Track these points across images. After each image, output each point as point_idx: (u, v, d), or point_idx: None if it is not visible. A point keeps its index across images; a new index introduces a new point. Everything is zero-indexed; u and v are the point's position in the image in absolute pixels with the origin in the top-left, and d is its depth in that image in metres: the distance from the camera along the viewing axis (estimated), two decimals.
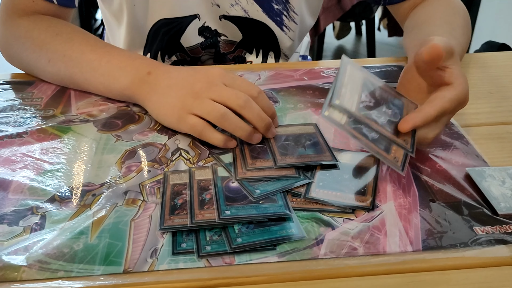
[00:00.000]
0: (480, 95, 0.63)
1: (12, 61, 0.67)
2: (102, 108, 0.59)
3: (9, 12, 0.66)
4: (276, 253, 0.39)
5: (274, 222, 0.42)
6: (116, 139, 0.53)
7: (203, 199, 0.44)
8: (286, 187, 0.46)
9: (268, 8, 0.75)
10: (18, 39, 0.64)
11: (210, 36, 0.77)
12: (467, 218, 0.43)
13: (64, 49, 0.61)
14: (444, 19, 0.67)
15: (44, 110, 0.58)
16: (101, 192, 0.45)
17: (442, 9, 0.70)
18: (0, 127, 0.55)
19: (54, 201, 0.44)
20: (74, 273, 0.37)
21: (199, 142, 0.53)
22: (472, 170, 0.48)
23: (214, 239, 0.40)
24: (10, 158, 0.50)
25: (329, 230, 0.41)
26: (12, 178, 0.47)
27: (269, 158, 0.49)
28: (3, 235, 0.41)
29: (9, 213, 0.43)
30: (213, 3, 0.73)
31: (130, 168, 0.49)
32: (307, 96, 0.62)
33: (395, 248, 0.40)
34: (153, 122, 0.56)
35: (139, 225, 0.42)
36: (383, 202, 0.45)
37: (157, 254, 0.39)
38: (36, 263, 0.38)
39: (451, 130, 0.55)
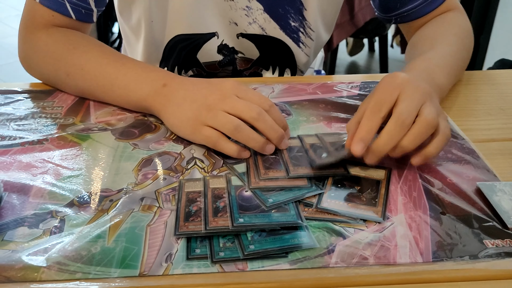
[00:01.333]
0: (491, 111, 0.64)
1: (33, 72, 0.69)
2: (120, 117, 0.61)
3: (28, 25, 0.68)
4: (288, 260, 0.40)
5: (286, 230, 0.43)
6: (133, 148, 0.55)
7: (217, 207, 0.45)
8: (298, 197, 0.46)
9: (285, 25, 0.77)
10: (37, 52, 0.66)
11: (228, 54, 0.78)
12: (477, 231, 0.43)
13: (81, 63, 0.63)
14: (436, 41, 0.69)
15: (64, 118, 0.60)
16: (118, 198, 0.47)
17: (439, 30, 0.71)
18: (21, 134, 0.57)
19: (73, 205, 0.46)
20: (91, 275, 0.38)
21: (213, 152, 0.54)
22: (483, 185, 0.49)
23: (227, 245, 0.41)
24: (31, 163, 0.52)
25: (340, 239, 0.42)
26: (32, 183, 0.49)
27: (281, 169, 0.51)
28: (23, 237, 0.42)
29: (29, 216, 0.44)
30: (231, 21, 0.75)
31: (147, 176, 0.50)
32: (320, 110, 0.63)
33: (405, 259, 0.40)
34: (169, 132, 0.58)
35: (154, 230, 0.43)
36: (394, 214, 0.45)
37: (172, 259, 0.40)
38: (55, 264, 0.39)
39: (462, 145, 0.56)
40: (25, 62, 0.69)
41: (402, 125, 0.48)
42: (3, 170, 0.50)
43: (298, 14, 0.76)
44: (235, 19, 0.75)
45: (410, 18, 0.75)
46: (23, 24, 0.69)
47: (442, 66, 0.63)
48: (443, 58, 0.64)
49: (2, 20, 3.36)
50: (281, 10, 0.75)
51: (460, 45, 0.69)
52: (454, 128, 0.59)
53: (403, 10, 0.75)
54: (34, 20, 0.68)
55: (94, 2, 0.68)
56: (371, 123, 0.48)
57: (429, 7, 0.74)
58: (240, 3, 0.74)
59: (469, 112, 0.64)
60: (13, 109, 0.62)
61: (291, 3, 0.75)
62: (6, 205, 0.46)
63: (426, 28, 0.74)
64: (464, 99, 0.68)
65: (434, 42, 0.69)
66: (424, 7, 0.74)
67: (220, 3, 0.73)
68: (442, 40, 0.69)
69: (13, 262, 0.39)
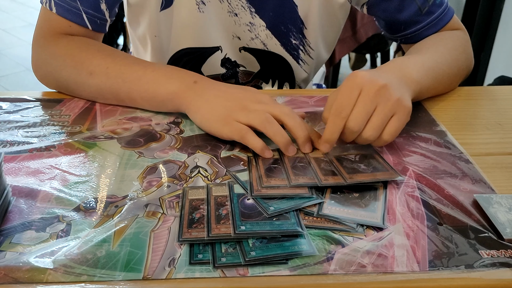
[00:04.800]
0: (490, 126, 0.65)
1: (47, 80, 0.71)
2: (125, 126, 0.62)
3: (45, 34, 0.70)
4: (288, 267, 0.41)
5: (287, 238, 0.44)
6: (138, 156, 0.56)
7: (219, 214, 0.46)
8: (299, 205, 0.48)
9: (286, 42, 0.79)
10: (57, 57, 0.68)
11: (230, 67, 0.80)
12: (473, 242, 0.44)
13: (107, 63, 0.65)
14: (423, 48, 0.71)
15: (71, 126, 0.62)
16: (123, 204, 0.48)
17: (432, 41, 0.73)
18: (30, 140, 0.58)
19: (79, 210, 0.47)
20: (96, 278, 0.40)
21: (216, 161, 0.55)
22: (479, 197, 0.50)
23: (229, 251, 0.42)
24: (39, 169, 0.53)
25: (339, 247, 0.43)
26: (40, 188, 0.50)
27: (283, 178, 0.52)
28: (31, 240, 0.43)
29: (37, 220, 0.46)
30: (234, 36, 0.77)
31: (151, 183, 0.51)
32: (322, 122, 0.64)
33: (402, 267, 0.41)
34: (174, 141, 0.59)
35: (158, 236, 0.44)
36: (392, 223, 0.46)
37: (175, 263, 0.41)
38: (61, 267, 0.40)
39: (460, 158, 0.57)
40: (40, 69, 0.71)
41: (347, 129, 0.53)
42: (12, 175, 0.52)
43: (299, 33, 0.78)
44: (239, 33, 0.77)
45: (414, 40, 0.77)
46: (39, 33, 0.71)
47: (417, 64, 0.64)
48: (421, 59, 0.66)
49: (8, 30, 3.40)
50: (283, 28, 0.77)
51: (446, 54, 0.70)
52: (452, 141, 0.61)
53: (407, 32, 0.77)
54: (51, 29, 0.70)
55: (108, 12, 0.70)
56: (334, 126, 0.53)
57: (432, 29, 0.76)
58: (244, 19, 0.76)
59: (467, 126, 0.66)
60: (21, 117, 0.64)
61: (292, 22, 0.77)
62: (14, 209, 0.47)
63: (424, 40, 0.76)
64: (463, 113, 0.69)
65: (420, 48, 0.71)
66: (428, 29, 0.76)
67: (225, 18, 0.75)
68: (428, 47, 0.71)
69: (21, 264, 0.41)
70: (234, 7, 0.74)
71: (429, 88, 0.66)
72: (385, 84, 0.53)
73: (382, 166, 0.54)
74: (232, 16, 0.75)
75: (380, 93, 0.53)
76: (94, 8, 0.69)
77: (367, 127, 0.53)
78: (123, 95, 0.65)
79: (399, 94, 0.54)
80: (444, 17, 0.76)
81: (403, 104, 0.54)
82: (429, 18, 0.75)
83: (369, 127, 0.53)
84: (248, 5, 0.74)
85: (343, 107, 0.53)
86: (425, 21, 0.75)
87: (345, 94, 0.53)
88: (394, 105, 0.53)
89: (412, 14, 0.75)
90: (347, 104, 0.53)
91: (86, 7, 0.68)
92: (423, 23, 0.75)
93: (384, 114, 0.53)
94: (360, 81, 0.53)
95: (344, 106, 0.53)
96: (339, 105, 0.53)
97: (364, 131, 0.53)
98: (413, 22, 0.75)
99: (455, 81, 0.73)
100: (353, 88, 0.53)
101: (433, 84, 0.67)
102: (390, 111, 0.53)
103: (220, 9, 0.74)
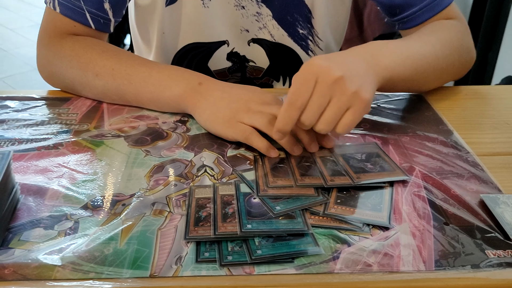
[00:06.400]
0: (497, 126, 0.65)
1: (52, 80, 0.71)
2: (132, 125, 0.63)
3: (50, 34, 0.71)
4: (294, 265, 0.41)
5: (293, 236, 0.44)
6: (145, 154, 0.56)
7: (226, 213, 0.46)
8: (305, 205, 0.48)
9: (293, 32, 0.79)
10: (63, 58, 0.68)
11: (237, 61, 0.81)
12: (479, 242, 0.44)
13: (112, 64, 0.65)
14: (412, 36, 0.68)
15: (79, 124, 0.62)
16: (130, 202, 0.48)
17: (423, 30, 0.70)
18: (38, 138, 0.59)
19: (87, 208, 0.47)
20: (104, 275, 0.40)
21: (223, 160, 0.56)
22: (486, 197, 0.50)
23: (235, 249, 0.42)
24: (47, 168, 0.53)
25: (345, 246, 0.43)
26: (48, 186, 0.50)
27: (289, 178, 0.52)
28: (39, 237, 0.44)
29: (45, 218, 0.46)
30: (242, 29, 0.77)
31: (158, 182, 0.52)
32: None
33: (408, 267, 0.41)
34: (180, 140, 0.59)
35: (165, 234, 0.44)
36: (398, 223, 0.46)
37: (181, 261, 0.41)
38: (69, 264, 0.41)
39: (467, 158, 0.57)
40: (46, 69, 0.71)
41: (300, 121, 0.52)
42: (20, 173, 0.52)
43: (306, 22, 0.78)
44: (246, 26, 0.77)
45: (409, 25, 0.75)
46: (44, 33, 0.71)
47: (396, 50, 0.61)
48: (402, 46, 0.63)
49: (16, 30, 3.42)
50: (289, 18, 0.77)
51: (437, 46, 0.67)
52: (459, 141, 0.60)
53: (403, 16, 0.74)
54: (56, 29, 0.70)
55: (112, 12, 0.70)
56: (288, 117, 0.51)
57: (429, 13, 0.73)
58: (251, 10, 0.76)
59: (474, 125, 0.66)
60: (30, 115, 0.64)
61: (299, 11, 0.77)
62: (22, 207, 0.47)
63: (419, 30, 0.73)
64: (471, 113, 0.69)
65: (411, 37, 0.68)
66: (424, 13, 0.73)
67: (232, 12, 0.75)
68: (420, 36, 0.68)
69: (29, 261, 0.41)
70: (241, 0, 0.74)
71: (405, 78, 0.62)
72: (341, 76, 0.50)
73: (389, 166, 0.54)
74: (239, 9, 0.75)
75: (335, 85, 0.50)
76: (97, 8, 0.69)
77: (319, 121, 0.51)
78: (128, 96, 0.65)
79: (357, 86, 0.51)
80: (442, 1, 0.73)
81: (360, 96, 0.51)
82: (425, 1, 0.72)
83: (322, 120, 0.51)
84: None
85: (298, 97, 0.50)
86: (421, 3, 0.72)
87: (299, 83, 0.51)
88: (350, 99, 0.51)
89: None
90: (301, 94, 0.50)
91: (89, 6, 0.68)
92: (419, 6, 0.72)
93: (338, 107, 0.51)
94: (316, 70, 0.51)
95: (299, 96, 0.50)
96: (293, 94, 0.51)
97: (317, 124, 0.52)
98: (409, 4, 0.73)
99: (443, 77, 0.70)
100: (309, 77, 0.51)
101: (411, 74, 0.63)
102: (345, 105, 0.51)
103: (226, 4, 0.75)
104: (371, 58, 0.58)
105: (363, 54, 0.58)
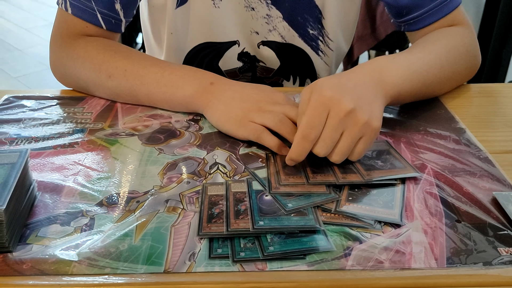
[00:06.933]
0: (510, 124, 0.65)
1: (66, 80, 0.72)
2: (146, 123, 0.63)
3: (63, 35, 0.72)
4: (306, 262, 0.42)
5: (305, 233, 0.45)
6: (158, 152, 0.57)
7: (238, 210, 0.47)
8: (316, 203, 0.48)
9: (303, 33, 0.79)
10: (76, 59, 0.69)
11: (248, 61, 0.81)
12: (491, 239, 0.44)
13: (125, 65, 0.66)
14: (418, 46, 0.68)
15: (93, 123, 0.63)
16: (144, 200, 0.49)
17: (430, 39, 0.70)
18: (54, 137, 0.60)
19: (102, 205, 0.48)
20: (119, 270, 0.41)
21: (235, 158, 0.56)
22: (499, 194, 0.50)
23: (248, 246, 0.43)
24: (63, 165, 0.54)
25: (356, 243, 0.44)
26: (64, 184, 0.51)
27: (301, 175, 0.52)
28: (56, 233, 0.45)
29: (61, 215, 0.47)
30: (252, 31, 0.78)
31: (171, 179, 0.52)
32: None
33: (420, 264, 0.42)
34: (193, 138, 0.60)
35: (178, 230, 0.45)
36: (410, 220, 0.47)
37: (195, 257, 0.42)
38: (85, 259, 0.42)
39: (479, 156, 0.57)
40: (59, 70, 0.72)
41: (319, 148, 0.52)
42: (37, 171, 0.53)
43: (316, 23, 0.78)
44: (256, 28, 0.78)
45: (415, 26, 0.75)
46: (57, 34, 0.72)
47: (402, 65, 0.61)
48: (409, 60, 0.63)
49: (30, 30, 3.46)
50: (300, 19, 0.77)
51: (442, 55, 0.67)
52: (471, 139, 0.60)
53: (410, 17, 0.74)
54: (68, 30, 0.71)
55: (123, 12, 0.71)
56: (302, 149, 0.51)
57: (436, 16, 0.73)
58: (261, 12, 0.76)
59: (487, 123, 0.65)
60: (45, 114, 0.65)
61: (309, 12, 0.77)
62: (39, 204, 0.49)
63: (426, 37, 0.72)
64: (483, 110, 0.69)
65: (416, 46, 0.68)
66: (431, 15, 0.73)
67: (242, 13, 0.76)
68: (425, 46, 0.68)
69: (47, 256, 0.42)
70: (251, 1, 0.75)
71: (412, 92, 0.63)
72: (353, 109, 0.51)
73: (399, 163, 0.54)
74: (249, 10, 0.76)
75: (347, 118, 0.51)
76: (108, 8, 0.70)
77: (334, 152, 0.52)
78: (141, 97, 0.66)
79: (368, 116, 0.52)
80: (450, 3, 0.72)
81: (371, 126, 0.52)
82: (433, 3, 0.72)
83: (336, 152, 0.52)
84: None
85: (311, 130, 0.50)
86: (429, 6, 0.72)
87: (312, 115, 0.51)
88: (362, 129, 0.51)
89: None
90: (315, 127, 0.51)
91: (101, 7, 0.69)
92: (426, 8, 0.72)
93: (351, 139, 0.51)
94: (328, 102, 0.51)
95: (312, 129, 0.50)
96: (306, 127, 0.51)
97: (331, 156, 0.52)
98: (416, 6, 0.73)
99: (448, 85, 0.70)
100: (321, 110, 0.51)
101: (418, 88, 0.64)
102: (357, 136, 0.51)
103: (236, 4, 0.75)
104: (378, 76, 0.58)
105: (371, 73, 0.58)
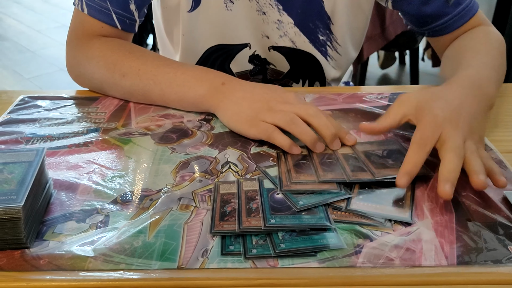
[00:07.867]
0: None
1: (81, 80, 0.74)
2: (159, 123, 0.64)
3: (79, 36, 0.73)
4: (317, 259, 0.42)
5: (315, 231, 0.45)
6: (171, 151, 0.58)
7: (250, 208, 0.48)
8: (327, 200, 0.49)
9: (314, 39, 0.80)
10: (91, 59, 0.70)
11: (259, 64, 0.82)
12: (502, 238, 0.44)
13: (138, 65, 0.67)
14: (477, 51, 0.70)
15: (107, 123, 0.64)
16: (157, 197, 0.50)
17: (477, 41, 0.73)
18: (69, 136, 0.61)
19: (116, 203, 0.49)
20: (134, 266, 0.42)
21: (247, 157, 0.57)
22: (509, 193, 0.50)
23: (259, 243, 0.44)
24: (78, 164, 0.55)
25: (367, 241, 0.44)
26: (79, 182, 0.52)
27: (312, 173, 0.53)
28: (72, 230, 0.46)
29: (77, 212, 0.48)
30: (263, 35, 0.79)
31: (184, 178, 0.53)
32: (350, 119, 0.65)
33: (430, 262, 0.42)
34: (205, 137, 0.61)
35: (191, 228, 0.46)
36: (420, 218, 0.47)
37: (207, 254, 0.43)
38: (100, 255, 0.43)
39: (490, 155, 0.57)
40: (75, 70, 0.73)
41: None
42: (53, 169, 0.54)
43: (326, 29, 0.79)
44: (267, 32, 0.78)
45: (441, 32, 0.77)
46: (73, 34, 0.73)
47: (488, 76, 0.63)
48: (487, 68, 0.65)
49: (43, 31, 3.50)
50: (311, 25, 0.78)
51: (497, 55, 0.70)
52: None
53: (435, 25, 0.76)
54: (84, 31, 0.72)
55: (137, 13, 0.72)
56: (418, 157, 0.50)
57: (458, 22, 0.76)
58: (272, 17, 0.77)
59: (498, 123, 0.65)
60: (60, 114, 0.67)
61: (319, 18, 0.78)
62: (55, 201, 0.50)
63: (462, 41, 0.75)
64: (495, 110, 0.68)
65: (474, 53, 0.70)
66: (456, 21, 0.75)
67: (253, 17, 0.77)
68: (481, 50, 0.70)
69: (63, 252, 0.43)
70: (262, 5, 0.76)
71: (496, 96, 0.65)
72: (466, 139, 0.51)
73: None
74: (261, 14, 0.77)
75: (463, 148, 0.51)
76: (123, 8, 0.71)
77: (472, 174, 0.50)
78: (154, 96, 0.67)
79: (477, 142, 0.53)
80: (472, 7, 0.75)
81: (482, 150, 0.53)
82: (456, 9, 0.74)
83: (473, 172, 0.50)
84: (275, 3, 0.76)
85: (427, 141, 0.51)
86: (453, 12, 0.74)
87: (427, 129, 0.51)
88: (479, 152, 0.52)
89: (439, 6, 0.74)
90: (430, 139, 0.51)
91: (116, 7, 0.71)
92: (451, 15, 0.75)
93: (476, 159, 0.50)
94: (441, 122, 0.51)
95: (428, 140, 0.51)
96: (424, 136, 0.51)
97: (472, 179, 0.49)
98: (441, 14, 0.75)
99: None
100: (435, 128, 0.51)
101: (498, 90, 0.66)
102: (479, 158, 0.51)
103: (248, 8, 0.76)
104: (478, 90, 0.59)
105: (472, 89, 0.58)
